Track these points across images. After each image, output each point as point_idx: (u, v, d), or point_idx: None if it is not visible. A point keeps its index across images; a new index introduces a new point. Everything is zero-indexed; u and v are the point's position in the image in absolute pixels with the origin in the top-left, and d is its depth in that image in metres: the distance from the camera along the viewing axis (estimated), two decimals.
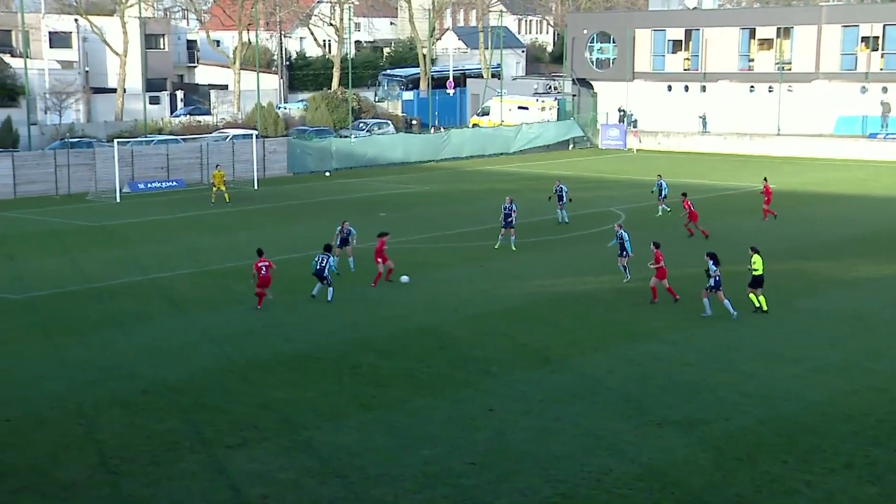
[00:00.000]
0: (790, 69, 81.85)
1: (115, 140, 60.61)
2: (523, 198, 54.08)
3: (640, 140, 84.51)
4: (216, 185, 54.68)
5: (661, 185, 49.84)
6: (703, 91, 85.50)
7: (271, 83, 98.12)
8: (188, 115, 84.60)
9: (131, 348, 27.73)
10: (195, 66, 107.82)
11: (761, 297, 31.14)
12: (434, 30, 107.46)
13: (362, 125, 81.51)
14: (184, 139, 68.40)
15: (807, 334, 29.20)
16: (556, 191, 47.33)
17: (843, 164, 73.51)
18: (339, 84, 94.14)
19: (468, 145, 79.43)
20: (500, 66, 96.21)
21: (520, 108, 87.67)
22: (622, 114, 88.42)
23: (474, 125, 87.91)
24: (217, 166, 56.98)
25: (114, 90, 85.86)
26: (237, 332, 29.16)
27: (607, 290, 34.03)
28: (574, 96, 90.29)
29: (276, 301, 32.37)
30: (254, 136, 65.77)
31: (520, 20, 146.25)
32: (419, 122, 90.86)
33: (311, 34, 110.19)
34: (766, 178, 50.32)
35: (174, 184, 61.54)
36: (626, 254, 34.85)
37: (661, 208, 49.57)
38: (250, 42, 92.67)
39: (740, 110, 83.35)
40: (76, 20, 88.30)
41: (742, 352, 27.29)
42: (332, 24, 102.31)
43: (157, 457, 20.12)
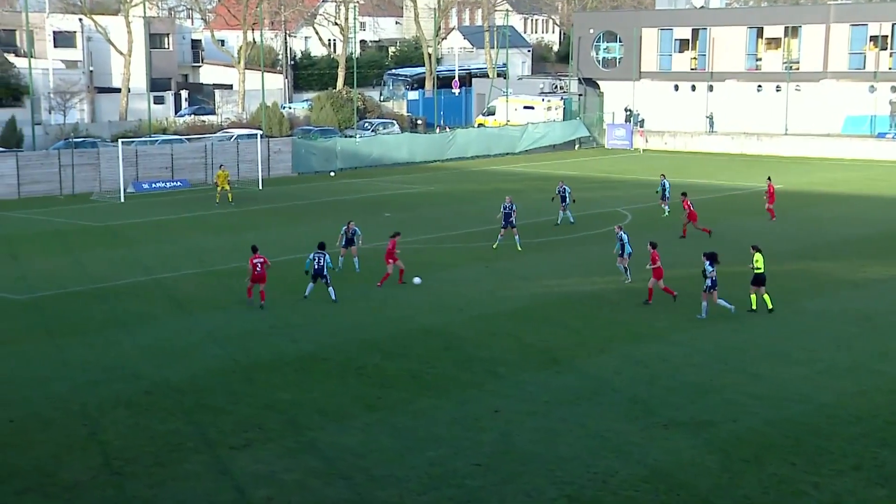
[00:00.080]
0: (798, 68, 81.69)
1: (120, 140, 60.64)
2: (529, 198, 54.09)
3: (646, 140, 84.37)
4: (220, 185, 54.63)
5: (665, 185, 49.71)
6: (711, 91, 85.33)
7: (276, 83, 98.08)
8: (192, 115, 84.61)
9: (135, 349, 27.67)
10: (200, 66, 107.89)
11: (765, 296, 31.01)
12: (439, 29, 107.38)
13: (367, 125, 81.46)
14: (188, 139, 68.37)
15: (814, 335, 29.08)
16: (559, 191, 47.19)
17: (851, 163, 73.34)
18: (344, 84, 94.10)
19: (473, 145, 79.33)
20: (505, 65, 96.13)
21: (525, 107, 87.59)
22: (628, 113, 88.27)
23: (480, 125, 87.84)
24: (221, 166, 56.93)
25: (118, 90, 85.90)
26: (241, 333, 29.09)
27: (613, 291, 33.91)
28: (580, 96, 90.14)
29: (280, 301, 32.35)
30: (258, 136, 65.76)
31: (526, 19, 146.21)
32: (424, 122, 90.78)
33: (316, 33, 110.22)
34: (769, 178, 50.14)
35: (178, 184, 61.48)
36: (626, 255, 34.71)
37: (665, 208, 49.40)
38: (255, 41, 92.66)
39: (748, 110, 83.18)
40: (80, 20, 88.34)
41: (749, 353, 27.18)
42: (337, 24, 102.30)
43: (161, 458, 20.06)
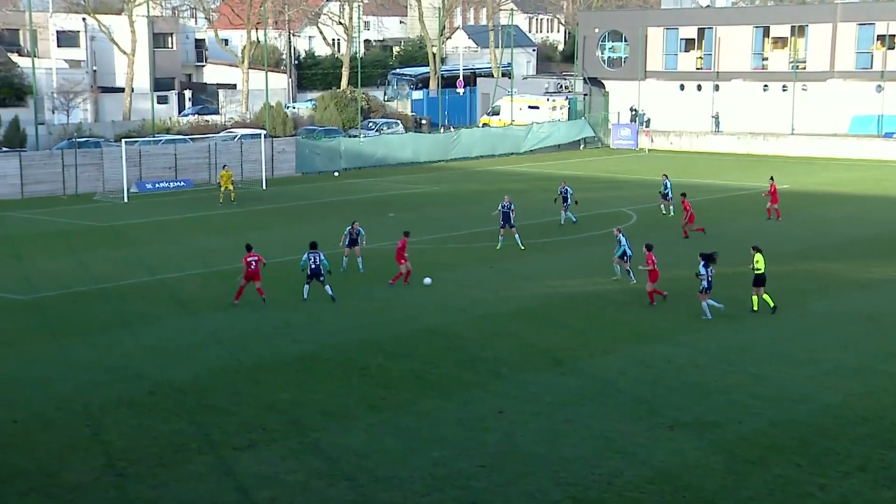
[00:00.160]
0: (804, 68, 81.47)
1: (123, 140, 60.53)
2: (533, 198, 54.08)
3: (651, 140, 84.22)
4: (223, 185, 54.58)
5: (666, 186, 49.64)
6: (717, 90, 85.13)
7: (280, 82, 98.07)
8: (196, 115, 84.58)
9: (138, 349, 27.63)
10: (203, 66, 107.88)
11: (765, 296, 30.94)
12: (444, 28, 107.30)
13: (371, 125, 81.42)
14: (192, 139, 68.32)
15: (820, 336, 28.99)
16: (561, 192, 47.10)
17: (858, 163, 73.16)
18: (349, 83, 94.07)
19: (478, 145, 79.23)
20: (510, 65, 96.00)
21: (530, 107, 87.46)
22: (634, 113, 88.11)
23: (484, 125, 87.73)
24: (224, 167, 56.88)
25: (122, 89, 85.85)
26: (245, 333, 29.05)
27: (617, 292, 33.81)
28: (585, 95, 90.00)
29: (283, 302, 32.32)
30: (262, 136, 65.68)
31: (531, 19, 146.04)
32: (429, 122, 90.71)
33: (320, 33, 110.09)
34: (772, 178, 50.01)
35: (182, 184, 61.45)
36: (626, 258, 34.61)
37: (671, 208, 49.31)
38: (259, 41, 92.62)
39: (754, 110, 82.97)
40: (84, 19, 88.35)
41: (754, 353, 27.10)
42: (341, 23, 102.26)
43: (164, 458, 20.02)
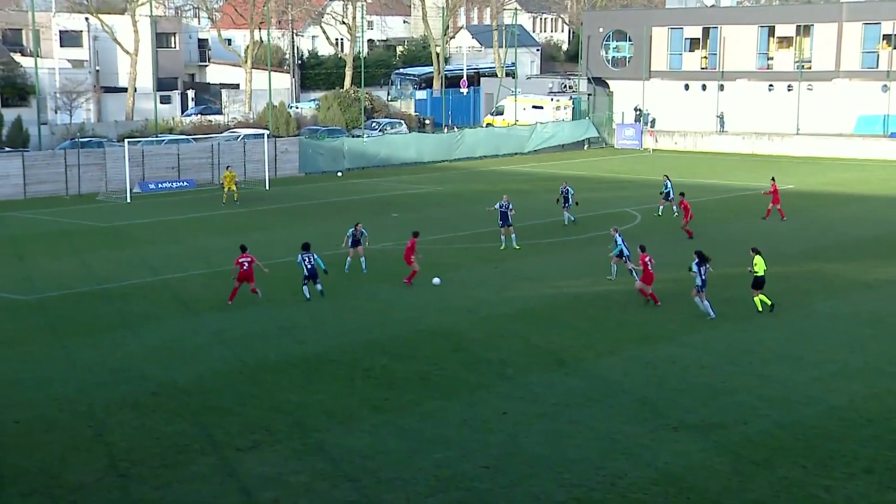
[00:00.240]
0: (810, 67, 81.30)
1: (126, 140, 60.50)
2: (537, 199, 54.03)
3: (656, 140, 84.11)
4: (227, 185, 54.54)
5: (668, 185, 49.56)
6: (721, 90, 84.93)
7: (283, 82, 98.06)
8: (199, 115, 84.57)
9: (141, 350, 27.58)
10: (206, 65, 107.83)
11: (762, 296, 30.89)
12: (448, 28, 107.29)
13: (375, 125, 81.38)
14: (195, 139, 68.30)
15: (825, 337, 28.89)
16: (563, 192, 47.04)
17: (863, 164, 73.01)
18: (352, 83, 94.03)
19: (482, 145, 79.17)
20: (514, 64, 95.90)
21: (534, 107, 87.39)
22: (638, 113, 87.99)
23: (488, 125, 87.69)
24: (228, 167, 56.84)
25: (124, 89, 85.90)
26: (248, 334, 29.00)
27: (622, 292, 33.71)
28: (589, 95, 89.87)
29: (286, 302, 32.28)
30: (265, 136, 65.62)
31: (534, 18, 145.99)
32: (432, 122, 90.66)
33: (324, 33, 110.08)
34: (773, 178, 49.90)
35: (185, 184, 61.42)
36: (625, 258, 34.59)
37: (673, 208, 49.20)
38: (262, 41, 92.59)
39: (759, 109, 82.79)
40: (87, 19, 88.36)
41: (759, 354, 27.01)
42: (344, 23, 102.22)
43: (167, 459, 19.97)
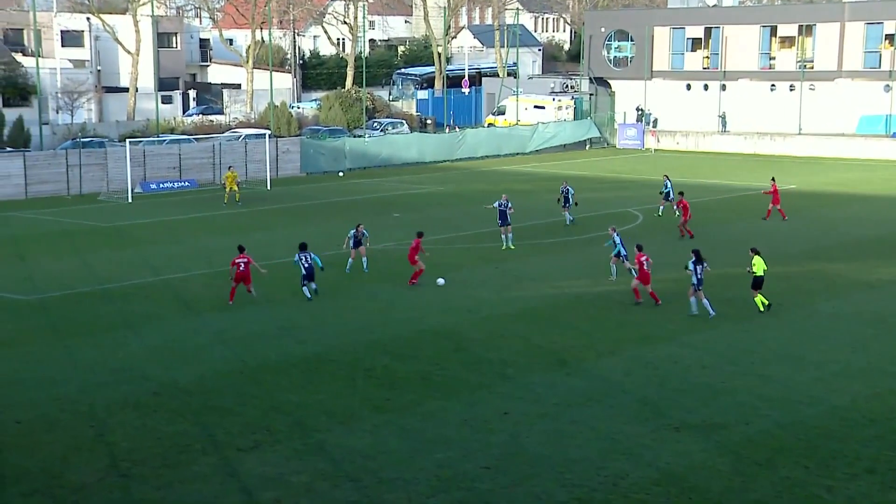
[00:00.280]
0: (812, 67, 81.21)
1: (127, 140, 60.53)
2: (539, 199, 53.98)
3: (658, 140, 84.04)
4: (228, 185, 54.53)
5: (667, 186, 49.57)
6: (723, 90, 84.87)
7: (284, 82, 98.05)
8: (200, 115, 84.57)
9: (143, 350, 27.58)
10: (208, 65, 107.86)
11: (760, 296, 30.90)
12: (449, 28, 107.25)
13: (376, 125, 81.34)
14: (196, 139, 68.27)
15: (827, 337, 28.87)
16: (563, 192, 47.02)
17: (865, 164, 72.90)
18: (353, 83, 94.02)
19: (483, 145, 79.13)
20: (516, 64, 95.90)
21: (536, 107, 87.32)
22: (640, 113, 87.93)
23: (490, 125, 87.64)
24: (230, 168, 56.84)
25: (126, 89, 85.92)
26: (249, 334, 28.99)
27: (623, 293, 33.63)
28: (591, 95, 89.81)
29: (287, 302, 32.30)
30: (266, 136, 65.60)
31: (536, 18, 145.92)
32: (434, 122, 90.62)
33: (325, 32, 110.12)
34: (773, 178, 49.87)
35: (186, 184, 61.40)
36: (622, 257, 34.60)
37: (674, 208, 49.13)
38: (263, 41, 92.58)
39: (761, 109, 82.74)
40: (88, 19, 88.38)
41: (761, 354, 26.99)
42: (346, 23, 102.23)
43: (169, 459, 19.98)
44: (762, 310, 30.81)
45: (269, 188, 61.19)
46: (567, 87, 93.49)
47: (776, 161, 73.94)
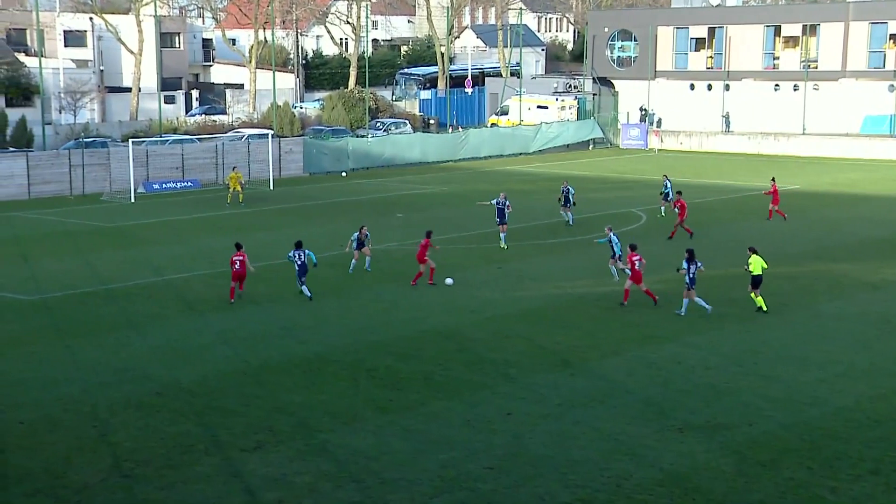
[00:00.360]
0: (816, 67, 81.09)
1: (130, 140, 60.56)
2: (542, 199, 53.91)
3: (661, 140, 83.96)
4: (231, 186, 54.52)
5: (667, 186, 49.57)
6: (727, 90, 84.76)
7: (287, 82, 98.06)
8: (203, 115, 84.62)
9: (145, 350, 27.57)
10: (210, 65, 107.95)
11: (758, 298, 30.82)
12: (452, 28, 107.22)
13: (379, 125, 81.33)
14: (199, 139, 68.29)
15: (831, 337, 28.81)
16: (563, 192, 47.00)
17: (870, 164, 72.81)
18: (356, 83, 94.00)
19: (486, 145, 79.09)
20: (519, 64, 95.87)
21: (539, 107, 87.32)
22: (643, 113, 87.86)
23: (493, 125, 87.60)
24: (234, 168, 56.83)
25: (129, 89, 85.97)
26: (252, 334, 28.97)
27: None
28: (594, 95, 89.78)
29: (290, 303, 32.30)
30: (269, 136, 65.62)
31: (539, 18, 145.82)
32: (437, 122, 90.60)
33: (328, 32, 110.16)
34: (773, 179, 49.81)
35: (189, 184, 61.40)
36: (617, 257, 34.59)
37: (663, 209, 49.18)
38: (266, 41, 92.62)
39: (764, 109, 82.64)
40: (91, 19, 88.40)
41: (765, 355, 26.94)
42: (348, 23, 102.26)
43: (172, 460, 19.96)
44: (766, 310, 30.76)
45: (272, 188, 61.18)
46: (570, 87, 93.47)
47: (780, 161, 73.87)
